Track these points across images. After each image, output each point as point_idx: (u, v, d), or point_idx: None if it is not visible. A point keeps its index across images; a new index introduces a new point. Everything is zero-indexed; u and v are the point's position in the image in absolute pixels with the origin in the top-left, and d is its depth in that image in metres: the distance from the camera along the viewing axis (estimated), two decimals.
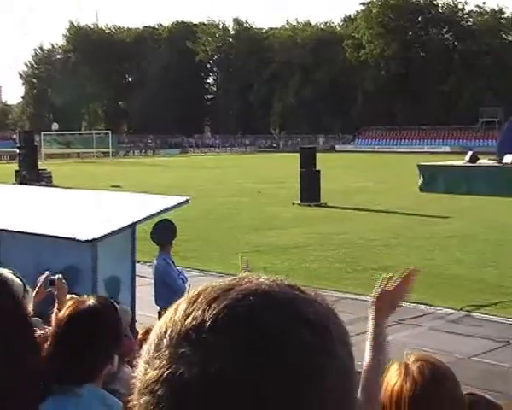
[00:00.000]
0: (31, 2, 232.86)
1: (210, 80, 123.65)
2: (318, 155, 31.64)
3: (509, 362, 9.98)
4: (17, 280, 3.52)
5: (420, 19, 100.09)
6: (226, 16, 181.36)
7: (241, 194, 33.25)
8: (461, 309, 12.72)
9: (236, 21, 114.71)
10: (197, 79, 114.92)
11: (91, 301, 3.12)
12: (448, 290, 14.18)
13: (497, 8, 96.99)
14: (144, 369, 0.84)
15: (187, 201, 9.03)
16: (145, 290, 9.26)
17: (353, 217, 24.88)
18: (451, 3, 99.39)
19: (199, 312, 0.84)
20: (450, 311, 12.70)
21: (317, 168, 30.05)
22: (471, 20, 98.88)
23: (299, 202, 29.11)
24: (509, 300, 13.37)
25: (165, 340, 0.84)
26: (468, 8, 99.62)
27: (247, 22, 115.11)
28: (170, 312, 0.87)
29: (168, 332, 0.84)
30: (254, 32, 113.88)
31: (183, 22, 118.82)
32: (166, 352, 0.83)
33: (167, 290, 8.46)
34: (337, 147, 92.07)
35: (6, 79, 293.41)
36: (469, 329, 11.68)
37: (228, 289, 0.86)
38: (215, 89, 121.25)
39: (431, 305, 13.06)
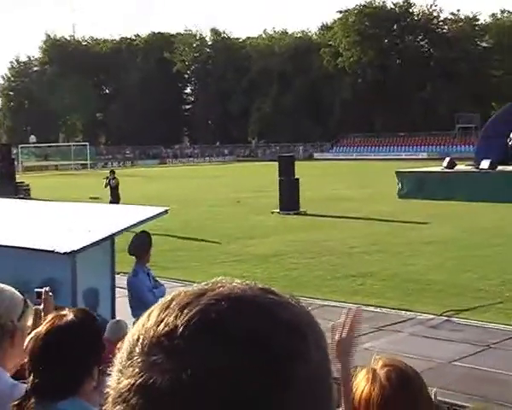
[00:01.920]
0: (7, 15, 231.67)
1: (188, 90, 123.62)
2: (297, 164, 31.71)
3: (488, 366, 10.04)
4: (17, 295, 3.51)
5: (396, 26, 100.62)
6: (203, 26, 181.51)
7: (220, 203, 33.24)
8: (441, 314, 12.78)
9: (214, 31, 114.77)
10: (175, 89, 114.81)
11: (70, 315, 3.11)
12: (428, 296, 14.24)
13: (471, 16, 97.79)
14: (117, 378, 0.83)
15: (166, 211, 9.04)
16: (125, 302, 9.23)
17: (333, 225, 24.94)
18: (426, 11, 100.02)
19: (171, 318, 0.83)
20: (431, 316, 12.76)
21: (296, 177, 30.09)
22: (446, 27, 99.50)
23: (278, 210, 29.13)
24: (489, 304, 13.46)
25: (137, 348, 0.83)
26: (443, 16, 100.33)
27: (224, 32, 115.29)
28: (142, 319, 0.87)
29: (140, 340, 0.84)
30: (232, 41, 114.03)
31: (159, 33, 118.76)
32: (139, 360, 0.82)
33: (137, 303, 8.43)
34: (316, 155, 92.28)
35: None
36: (449, 334, 11.74)
37: (201, 295, 0.85)
38: (193, 99, 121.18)
39: (411, 311, 13.13)
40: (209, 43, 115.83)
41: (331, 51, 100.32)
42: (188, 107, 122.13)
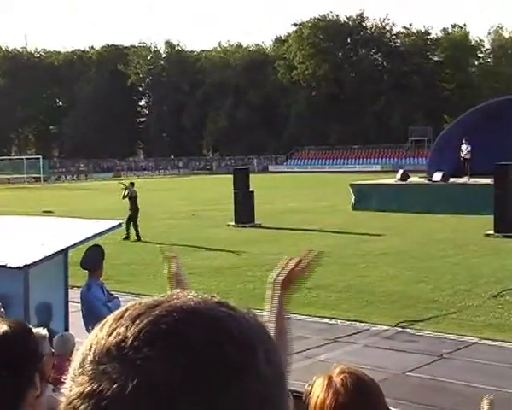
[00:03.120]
0: None
1: (142, 103, 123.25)
2: (252, 176, 31.76)
3: (442, 376, 10.14)
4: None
5: (350, 40, 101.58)
6: (157, 39, 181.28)
7: (175, 216, 33.13)
8: (395, 325, 12.88)
9: (168, 44, 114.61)
10: (129, 101, 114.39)
11: (3, 326, 3.07)
12: (382, 307, 14.35)
13: (423, 30, 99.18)
14: (69, 386, 0.85)
15: (120, 224, 8.99)
16: (78, 316, 9.14)
17: (288, 237, 25.01)
18: (379, 25, 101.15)
19: (122, 328, 0.84)
20: (385, 327, 12.85)
21: (251, 189, 30.14)
22: (399, 41, 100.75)
23: (233, 223, 29.13)
24: (442, 314, 13.61)
25: (89, 357, 0.84)
26: (395, 30, 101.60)
27: (178, 44, 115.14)
28: (96, 329, 0.88)
29: (92, 349, 0.85)
30: (186, 54, 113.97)
31: (113, 45, 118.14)
32: (89, 368, 0.83)
33: (91, 317, 8.37)
34: (270, 168, 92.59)
35: None
36: (404, 344, 11.83)
37: (154, 306, 0.86)
38: (147, 111, 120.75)
39: (366, 322, 13.21)
40: (163, 55, 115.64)
41: (286, 64, 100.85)
42: (142, 119, 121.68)
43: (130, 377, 0.80)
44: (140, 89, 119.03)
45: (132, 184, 27.94)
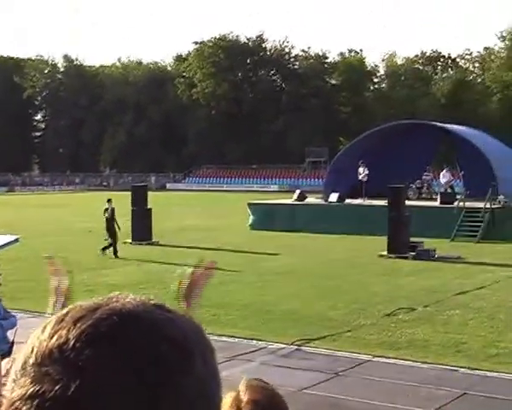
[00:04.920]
0: None
1: (39, 117, 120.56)
2: (150, 194, 31.59)
3: (337, 393, 10.32)
4: None
5: (249, 60, 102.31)
6: (56, 52, 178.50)
7: (71, 233, 32.59)
8: (292, 343, 13.04)
9: (66, 58, 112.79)
10: (25, 115, 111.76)
11: None
12: (279, 325, 14.50)
13: (321, 53, 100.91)
14: (11, 388, 0.86)
15: (16, 240, 8.80)
16: None
17: (185, 255, 24.91)
18: (279, 47, 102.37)
19: (64, 331, 0.86)
20: (282, 345, 12.99)
21: (149, 207, 29.97)
22: (297, 63, 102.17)
23: (130, 240, 28.86)
24: (337, 333, 13.86)
25: (31, 359, 0.86)
26: (294, 52, 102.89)
27: (77, 59, 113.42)
28: (38, 331, 0.90)
29: (34, 351, 0.87)
30: (85, 68, 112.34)
31: (9, 57, 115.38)
32: (31, 370, 0.85)
33: None
34: (168, 185, 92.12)
35: None
36: (300, 362, 11.98)
37: (94, 309, 0.89)
38: (44, 126, 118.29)
39: (263, 340, 13.32)
40: (61, 69, 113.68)
41: (186, 82, 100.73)
42: (38, 134, 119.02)
43: (72, 378, 0.82)
44: (36, 102, 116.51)
45: (110, 200, 27.15)
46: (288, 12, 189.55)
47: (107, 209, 26.55)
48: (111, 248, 25.86)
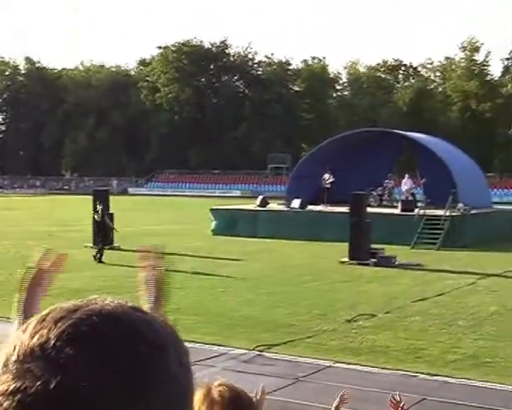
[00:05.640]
0: None
1: None
2: (112, 198, 31.40)
3: (298, 399, 10.35)
4: None
5: (213, 66, 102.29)
6: (17, 54, 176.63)
7: (31, 237, 32.21)
8: (253, 349, 13.04)
9: (28, 60, 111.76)
10: None
11: None
12: (241, 331, 14.50)
13: (284, 60, 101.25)
14: None
15: None
16: None
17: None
18: (242, 53, 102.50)
19: (45, 330, 0.89)
20: (243, 351, 12.99)
21: (111, 211, 29.78)
22: (261, 69, 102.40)
23: (91, 244, 28.65)
24: (299, 339, 13.89)
25: (12, 357, 0.89)
26: (257, 58, 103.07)
27: (39, 61, 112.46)
28: (20, 331, 0.92)
29: (16, 349, 0.89)
30: (47, 71, 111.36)
31: None
32: (13, 367, 0.87)
33: None
34: (130, 190, 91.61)
35: None
36: (261, 368, 11.99)
37: (74, 310, 0.92)
38: (4, 128, 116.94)
39: (224, 346, 13.31)
40: (23, 71, 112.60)
41: (149, 86, 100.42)
42: None
43: (53, 374, 0.85)
44: None
45: (100, 203, 26.62)
46: (251, 18, 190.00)
47: (97, 211, 26.15)
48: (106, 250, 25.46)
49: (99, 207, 26.29)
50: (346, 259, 25.41)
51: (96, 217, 25.96)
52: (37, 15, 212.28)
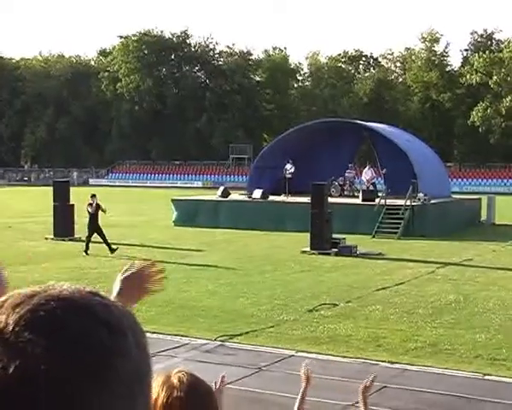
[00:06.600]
0: None
1: None
2: (72, 189, 31.17)
3: (260, 388, 10.39)
4: None
5: (174, 56, 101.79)
6: None
7: None
8: (215, 339, 13.06)
9: None
10: None
11: None
12: (202, 321, 14.51)
13: (245, 50, 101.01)
14: None
15: None
16: None
17: (107, 251, 24.71)
18: (203, 43, 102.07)
19: (4, 316, 0.90)
20: (205, 341, 13.00)
21: (71, 202, 29.57)
22: (222, 60, 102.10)
23: (52, 236, 28.44)
24: (260, 328, 13.94)
25: None
26: (218, 49, 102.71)
27: None
28: None
29: None
30: (5, 61, 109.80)
31: None
32: None
33: None
34: (91, 181, 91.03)
35: None
36: (223, 358, 12.01)
37: (32, 296, 0.93)
38: None
39: (186, 336, 13.31)
40: None
41: (110, 76, 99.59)
42: None
43: (11, 359, 0.86)
44: None
45: (94, 195, 25.88)
46: (212, 8, 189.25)
47: (91, 204, 25.53)
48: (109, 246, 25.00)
49: (92, 201, 25.67)
50: (308, 249, 25.52)
51: (89, 209, 25.42)
52: None
